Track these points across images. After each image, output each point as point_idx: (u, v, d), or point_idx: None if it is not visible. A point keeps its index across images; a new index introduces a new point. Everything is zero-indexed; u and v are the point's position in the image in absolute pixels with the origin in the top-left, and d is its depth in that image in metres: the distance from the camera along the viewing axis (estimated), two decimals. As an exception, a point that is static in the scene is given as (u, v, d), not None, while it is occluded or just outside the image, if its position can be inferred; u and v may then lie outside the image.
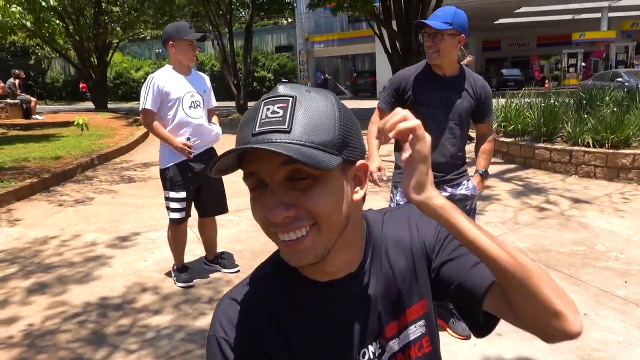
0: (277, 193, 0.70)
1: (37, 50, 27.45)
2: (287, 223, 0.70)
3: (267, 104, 0.71)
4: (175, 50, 3.28)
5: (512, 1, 21.30)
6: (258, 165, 0.70)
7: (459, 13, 2.32)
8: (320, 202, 0.71)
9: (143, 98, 3.27)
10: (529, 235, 4.10)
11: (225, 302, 0.83)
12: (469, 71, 2.55)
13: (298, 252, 0.72)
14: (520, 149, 6.80)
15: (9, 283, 3.59)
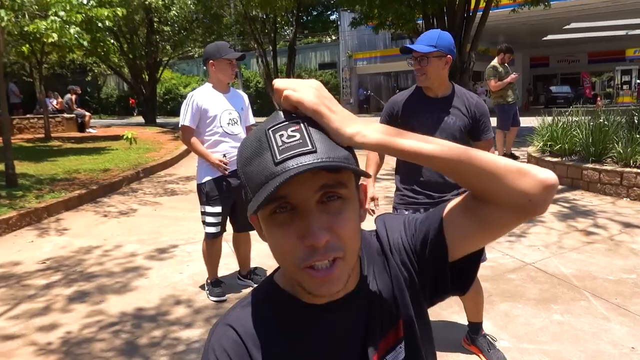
0: (316, 216, 0.68)
1: (94, 67, 28.83)
2: (323, 250, 0.69)
3: (277, 130, 0.70)
4: (216, 68, 3.37)
5: (561, 17, 20.76)
6: (291, 189, 0.68)
7: (443, 35, 2.40)
8: (349, 226, 0.71)
9: (183, 115, 3.37)
10: (574, 261, 3.91)
11: (219, 329, 0.82)
12: (462, 90, 2.56)
13: (331, 282, 0.71)
14: (567, 169, 6.54)
15: (52, 290, 3.72)
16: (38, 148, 11.24)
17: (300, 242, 0.69)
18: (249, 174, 0.71)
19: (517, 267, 3.83)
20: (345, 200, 0.72)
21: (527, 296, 3.32)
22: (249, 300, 0.84)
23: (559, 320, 2.99)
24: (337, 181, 0.70)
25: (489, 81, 8.05)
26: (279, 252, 0.73)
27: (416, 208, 2.51)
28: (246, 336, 0.79)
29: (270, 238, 0.74)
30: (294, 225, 0.70)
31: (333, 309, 0.79)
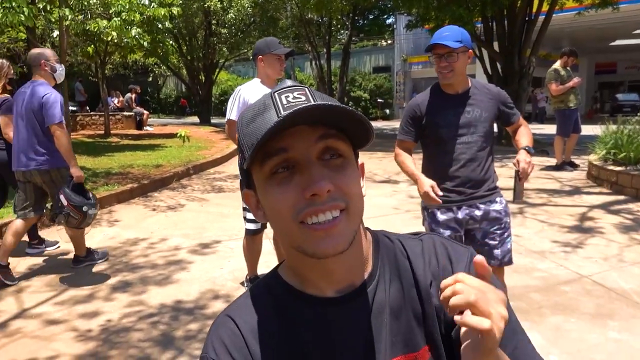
0: (317, 167, 0.67)
1: (155, 69, 30.00)
2: (326, 200, 0.66)
3: (282, 93, 0.69)
4: (264, 64, 3.36)
5: (631, 21, 19.62)
6: (290, 141, 0.67)
7: (463, 30, 2.38)
8: (351, 182, 0.70)
9: (229, 109, 3.37)
10: (635, 276, 3.62)
11: (220, 320, 0.78)
12: (480, 82, 2.54)
13: (333, 236, 0.67)
14: (631, 179, 6.11)
15: (97, 278, 3.82)
16: (97, 143, 11.75)
17: (301, 194, 0.66)
18: (249, 133, 0.69)
19: (572, 279, 3.58)
20: (346, 159, 0.70)
21: (582, 310, 3.09)
22: (250, 292, 0.81)
23: (616, 337, 2.76)
24: (337, 134, 0.68)
25: (549, 85, 7.67)
26: (277, 210, 0.69)
27: (449, 207, 2.45)
28: (245, 327, 0.75)
29: (268, 200, 0.70)
30: (295, 180, 0.67)
31: (337, 303, 0.74)
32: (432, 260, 0.78)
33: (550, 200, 6.09)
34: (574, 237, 4.56)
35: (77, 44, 13.59)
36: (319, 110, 0.64)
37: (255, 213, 0.76)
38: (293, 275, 0.78)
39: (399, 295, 0.76)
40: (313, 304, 0.75)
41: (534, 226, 4.94)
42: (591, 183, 7.03)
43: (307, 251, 0.68)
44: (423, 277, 0.77)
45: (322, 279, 0.74)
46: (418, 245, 0.81)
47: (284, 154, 0.67)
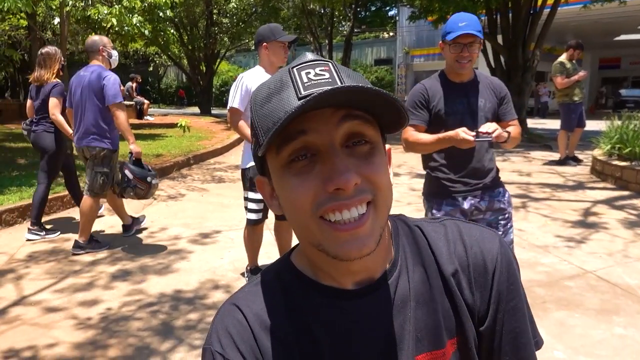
0: (341, 156, 0.59)
1: (156, 58, 29.87)
2: (352, 194, 0.59)
3: (303, 69, 0.61)
4: (269, 51, 3.28)
5: (636, 15, 19.48)
6: (311, 124, 0.59)
7: (477, 18, 2.35)
8: (380, 172, 0.62)
9: (232, 97, 3.30)
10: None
11: (225, 308, 0.72)
12: (483, 73, 2.52)
13: (360, 238, 0.60)
14: (636, 174, 6.07)
15: (97, 267, 3.79)
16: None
17: (323, 187, 0.58)
18: (264, 116, 0.61)
19: (576, 275, 3.55)
20: (374, 146, 0.63)
21: (586, 306, 3.05)
22: (260, 279, 0.74)
23: (621, 333, 2.72)
24: (363, 116, 0.60)
25: (555, 78, 7.60)
26: (294, 202, 0.62)
27: (455, 197, 2.41)
28: (252, 317, 0.69)
29: (284, 190, 0.63)
30: (315, 170, 0.60)
31: (355, 296, 0.68)
32: (459, 247, 0.72)
33: (554, 194, 6.04)
34: (578, 232, 4.52)
35: (78, 32, 13.50)
36: (347, 94, 0.57)
37: (269, 203, 0.69)
38: (308, 264, 0.71)
39: (423, 286, 0.70)
40: (329, 296, 0.68)
41: (537, 220, 4.91)
42: (595, 178, 6.99)
43: (329, 252, 0.61)
44: (448, 265, 0.71)
45: (340, 274, 0.68)
46: (440, 229, 0.74)
47: (303, 136, 0.59)
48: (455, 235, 0.73)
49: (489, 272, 0.70)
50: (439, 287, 0.70)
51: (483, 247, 0.72)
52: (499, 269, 0.70)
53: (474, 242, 0.72)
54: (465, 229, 0.74)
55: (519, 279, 0.72)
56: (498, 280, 0.70)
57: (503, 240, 0.73)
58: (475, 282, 0.70)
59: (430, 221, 0.77)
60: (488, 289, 0.70)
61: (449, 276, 0.70)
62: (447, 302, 0.70)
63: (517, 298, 0.71)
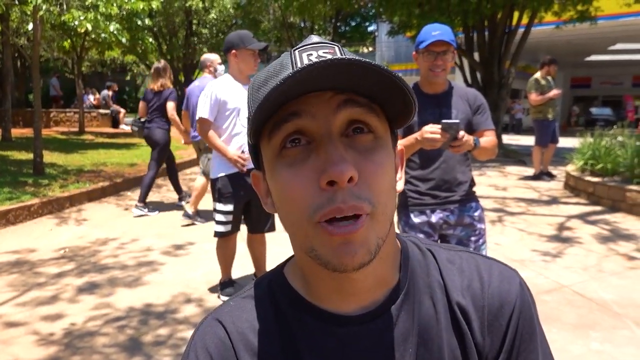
0: (338, 144, 0.52)
1: (134, 67, 29.52)
2: (348, 196, 0.51)
3: (305, 50, 0.54)
4: (238, 59, 3.20)
5: (607, 37, 20.10)
6: (305, 105, 0.53)
7: (450, 28, 2.32)
8: (382, 172, 0.55)
9: (201, 107, 3.22)
10: (615, 286, 3.60)
11: (207, 323, 0.64)
12: (458, 84, 2.47)
13: (353, 245, 0.52)
14: (608, 190, 6.17)
15: (63, 280, 3.64)
16: (70, 140, 11.42)
17: (317, 180, 0.51)
18: (259, 98, 0.54)
19: (553, 289, 3.54)
20: (378, 138, 0.55)
21: (563, 320, 3.04)
22: (248, 293, 0.66)
23: (598, 349, 2.71)
24: (368, 105, 0.54)
25: (529, 94, 7.72)
26: (287, 201, 0.54)
27: (422, 210, 2.37)
28: (236, 336, 0.61)
29: (277, 185, 0.56)
30: (310, 160, 0.53)
31: (352, 323, 0.60)
32: (475, 283, 0.64)
33: (529, 209, 6.09)
34: (553, 246, 4.54)
35: (53, 38, 13.24)
36: (348, 72, 0.50)
37: (263, 201, 0.62)
38: (301, 280, 0.63)
39: (430, 321, 0.62)
40: (323, 320, 0.61)
41: (514, 235, 4.92)
42: (568, 193, 7.08)
43: (321, 258, 0.54)
44: (459, 301, 0.63)
45: (336, 293, 0.60)
46: (456, 260, 0.66)
47: (296, 119, 0.53)
48: (472, 270, 0.65)
49: (504, 317, 0.62)
50: (446, 323, 0.62)
51: (501, 288, 0.63)
52: (515, 316, 0.62)
53: (493, 281, 0.64)
54: (485, 265, 0.66)
55: (537, 326, 0.64)
56: (514, 329, 0.62)
57: (524, 282, 0.66)
58: (488, 325, 0.62)
59: (446, 248, 0.69)
60: (501, 336, 0.62)
61: (459, 313, 0.62)
62: (455, 340, 0.61)
63: (531, 348, 0.63)
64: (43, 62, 19.90)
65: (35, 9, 6.02)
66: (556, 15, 12.33)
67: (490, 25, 12.42)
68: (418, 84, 2.43)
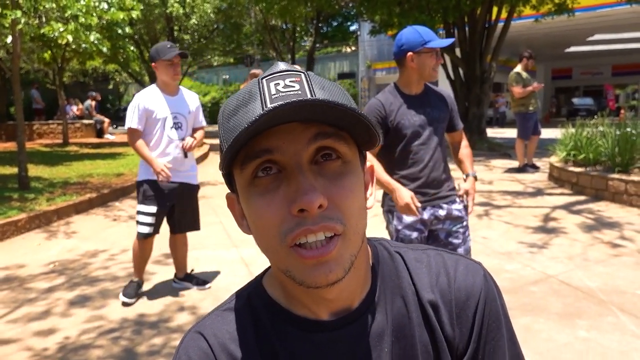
0: (308, 175, 0.55)
1: (116, 76, 29.30)
2: (318, 219, 0.54)
3: (272, 79, 0.57)
4: (158, 71, 3.36)
5: (585, 28, 20.39)
6: (277, 141, 0.55)
7: None
8: (351, 195, 0.57)
9: (129, 117, 3.36)
10: (600, 274, 3.68)
11: (190, 337, 0.67)
12: (431, 85, 2.58)
13: (327, 264, 0.55)
14: (591, 179, 6.28)
15: (54, 294, 3.63)
16: (55, 153, 11.33)
17: (288, 209, 0.54)
18: (230, 129, 0.57)
19: (539, 279, 3.61)
20: (347, 163, 0.58)
21: (550, 310, 3.11)
22: (229, 305, 0.69)
23: (585, 336, 2.78)
24: (336, 133, 0.56)
25: (512, 87, 7.83)
26: (260, 227, 0.58)
27: None
28: (218, 348, 0.64)
29: (250, 212, 0.59)
30: (281, 189, 0.56)
31: (330, 328, 0.64)
32: (442, 278, 0.68)
33: (515, 202, 6.18)
34: (539, 237, 4.62)
35: (33, 50, 13.11)
36: (313, 108, 0.52)
37: (239, 222, 0.65)
38: (280, 289, 0.66)
39: (402, 319, 0.66)
40: (301, 327, 0.64)
41: (500, 228, 5.00)
42: (553, 184, 7.19)
43: (295, 279, 0.57)
44: (429, 297, 0.67)
45: (314, 302, 0.63)
46: (423, 258, 0.70)
47: (268, 155, 0.55)
48: (439, 266, 0.69)
49: (470, 307, 0.66)
50: (418, 320, 0.66)
51: (467, 281, 0.68)
52: (481, 306, 0.66)
53: (459, 275, 0.68)
54: (450, 261, 0.70)
55: (502, 315, 0.69)
56: (480, 319, 0.66)
57: (488, 274, 0.70)
58: (456, 317, 0.66)
59: (413, 248, 0.73)
60: (469, 326, 0.66)
61: (429, 309, 0.66)
62: (426, 335, 0.66)
63: (499, 337, 0.67)
64: (23, 74, 19.68)
65: (13, 22, 5.98)
66: (534, 8, 12.49)
67: (470, 21, 12.54)
68: (398, 86, 2.48)
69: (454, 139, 2.69)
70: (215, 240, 4.83)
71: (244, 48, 23.74)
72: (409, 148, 2.43)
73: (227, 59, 27.81)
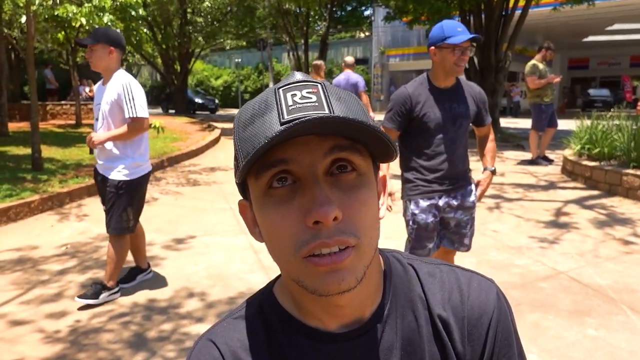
0: (324, 187, 0.55)
1: (129, 57, 29.29)
2: (333, 232, 0.54)
3: (289, 90, 0.57)
4: None
5: (604, 17, 19.98)
6: (293, 152, 0.55)
7: None
8: (366, 210, 0.58)
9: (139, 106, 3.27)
10: (610, 271, 3.65)
11: (201, 344, 0.67)
12: (464, 79, 2.61)
13: (340, 272, 0.55)
14: (605, 174, 6.20)
15: (66, 276, 3.68)
16: (68, 134, 11.41)
17: (303, 220, 0.54)
18: (246, 139, 0.57)
19: (549, 276, 3.59)
20: (361, 176, 0.58)
21: (559, 307, 3.09)
22: (240, 313, 0.69)
23: (594, 335, 2.76)
24: (352, 146, 0.56)
25: (528, 78, 7.72)
26: (274, 238, 0.58)
27: (431, 196, 2.52)
28: (229, 355, 0.65)
29: (264, 222, 0.59)
30: (296, 200, 0.56)
31: (340, 340, 0.63)
32: (454, 295, 0.67)
33: (526, 195, 6.13)
34: (550, 232, 4.59)
35: (47, 30, 13.13)
36: (333, 124, 0.53)
37: (251, 230, 0.65)
38: (291, 298, 0.67)
39: (412, 333, 0.65)
40: (311, 337, 0.64)
41: (511, 221, 4.97)
42: (566, 178, 7.12)
43: (307, 287, 0.57)
44: (440, 313, 0.66)
45: (324, 312, 0.63)
46: (436, 273, 0.70)
47: (284, 166, 0.55)
48: (452, 282, 0.69)
49: (483, 326, 0.66)
50: (428, 335, 0.66)
51: (480, 299, 0.67)
52: (494, 325, 0.66)
53: (472, 292, 0.68)
54: (464, 278, 0.70)
55: (513, 333, 0.69)
56: (493, 337, 0.66)
57: (501, 291, 0.70)
58: (468, 335, 0.66)
59: (426, 262, 0.72)
60: (481, 345, 0.66)
61: (440, 324, 0.66)
62: (436, 350, 0.65)
63: (510, 354, 0.67)
64: (37, 54, 19.74)
65: (28, 3, 5.99)
66: (553, -3, 12.27)
67: (487, 9, 12.34)
68: (429, 77, 2.52)
69: (481, 132, 2.74)
70: (225, 226, 4.85)
71: (257, 32, 23.59)
72: (431, 140, 2.49)
73: (240, 42, 27.67)
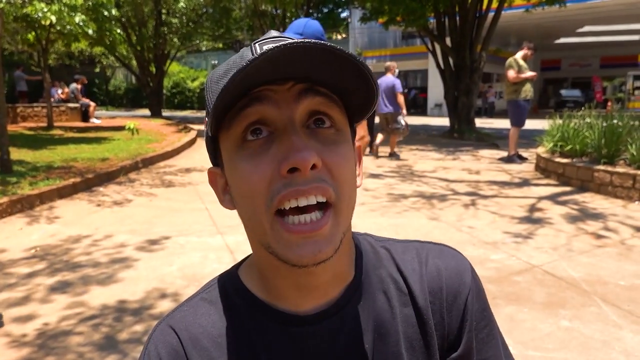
0: (300, 134, 0.51)
1: (103, 59, 28.83)
2: (310, 179, 0.50)
3: (266, 43, 0.53)
4: None
5: (575, 19, 20.44)
6: (268, 103, 0.52)
7: None
8: (345, 164, 0.54)
9: None
10: (583, 264, 3.71)
11: (159, 330, 0.63)
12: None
13: (316, 241, 0.51)
14: (577, 170, 6.32)
15: (34, 279, 3.56)
16: (39, 136, 11.14)
17: (278, 169, 0.50)
18: (218, 90, 0.52)
19: (524, 269, 3.63)
20: (340, 132, 0.55)
21: (534, 300, 3.12)
22: (202, 296, 0.65)
23: (567, 326, 2.79)
24: (328, 95, 0.53)
25: (507, 71, 7.84)
26: (246, 192, 0.53)
27: None
28: (189, 342, 0.60)
29: (236, 177, 0.54)
30: (271, 150, 0.52)
31: (309, 322, 0.60)
32: (431, 269, 0.66)
33: (501, 192, 6.20)
34: (525, 227, 4.64)
35: (17, 30, 12.82)
36: (308, 49, 0.47)
37: (220, 198, 0.61)
38: (258, 280, 0.63)
39: (384, 314, 0.63)
40: (280, 321, 0.60)
41: (486, 217, 5.01)
42: (539, 175, 7.23)
43: (279, 255, 0.53)
44: (420, 290, 0.64)
45: (295, 290, 0.59)
46: (411, 250, 0.68)
47: (258, 104, 0.51)
48: (427, 257, 0.67)
49: (462, 297, 0.64)
50: (407, 315, 0.63)
51: (456, 270, 0.66)
52: (471, 295, 0.65)
53: (448, 265, 0.67)
54: (436, 251, 0.68)
55: (487, 301, 0.68)
56: (471, 307, 0.64)
57: (472, 266, 0.69)
58: (447, 307, 0.64)
59: (399, 241, 0.70)
60: (460, 315, 0.64)
61: (422, 301, 0.63)
62: (413, 329, 0.63)
63: (490, 325, 0.66)
64: (7, 56, 19.27)
65: (-6, 1, 5.81)
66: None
67: (461, 10, 12.50)
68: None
69: None
70: (200, 226, 4.78)
71: (233, 33, 23.44)
72: None
73: (216, 44, 27.47)
